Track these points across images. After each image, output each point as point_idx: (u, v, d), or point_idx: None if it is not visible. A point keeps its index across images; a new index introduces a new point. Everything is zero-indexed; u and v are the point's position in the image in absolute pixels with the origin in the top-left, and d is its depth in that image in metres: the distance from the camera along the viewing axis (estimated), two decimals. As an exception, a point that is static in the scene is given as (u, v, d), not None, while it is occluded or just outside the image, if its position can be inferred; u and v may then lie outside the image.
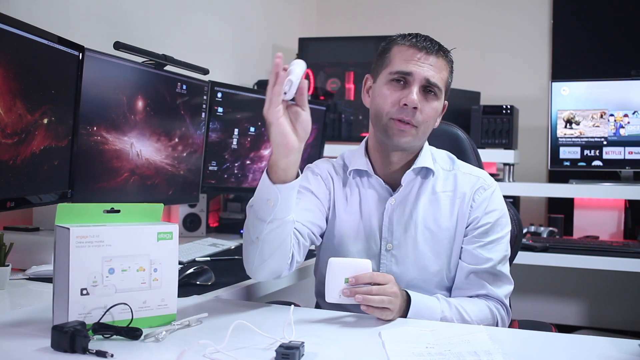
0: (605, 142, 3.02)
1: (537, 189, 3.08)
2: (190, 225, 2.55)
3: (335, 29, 3.83)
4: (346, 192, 1.57)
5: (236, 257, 2.03)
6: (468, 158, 1.77)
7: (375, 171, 1.54)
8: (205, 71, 2.32)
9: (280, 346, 1.02)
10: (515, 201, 3.10)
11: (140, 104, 1.94)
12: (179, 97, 2.12)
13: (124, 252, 1.14)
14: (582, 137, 3.04)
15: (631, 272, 2.72)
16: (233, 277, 1.69)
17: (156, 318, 1.18)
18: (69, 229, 1.09)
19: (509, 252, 1.53)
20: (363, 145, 1.59)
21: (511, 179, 3.05)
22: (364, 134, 3.24)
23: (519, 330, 1.44)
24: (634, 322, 3.22)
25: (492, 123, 3.04)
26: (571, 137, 3.05)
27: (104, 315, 1.11)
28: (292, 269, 1.43)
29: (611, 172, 3.06)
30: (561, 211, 3.20)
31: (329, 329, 1.25)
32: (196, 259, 1.95)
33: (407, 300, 1.36)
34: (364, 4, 3.88)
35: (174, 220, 2.51)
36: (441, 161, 1.57)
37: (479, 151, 1.87)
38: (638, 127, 2.97)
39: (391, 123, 1.45)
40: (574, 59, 3.47)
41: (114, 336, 1.09)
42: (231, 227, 2.70)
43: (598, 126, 3.02)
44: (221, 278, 1.66)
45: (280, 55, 1.21)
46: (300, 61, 1.25)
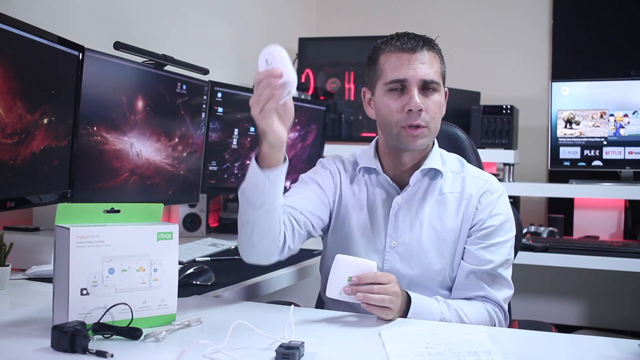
0: (605, 142, 3.02)
1: (537, 189, 3.08)
2: (190, 225, 2.55)
3: (335, 29, 3.82)
4: (354, 189, 1.59)
5: (236, 257, 2.02)
6: (468, 158, 1.76)
7: (384, 170, 1.56)
8: (205, 71, 2.32)
9: (280, 346, 1.02)
10: (515, 201, 3.10)
11: (140, 104, 1.94)
12: (179, 97, 2.12)
13: (124, 252, 1.14)
14: (582, 137, 3.04)
15: (631, 272, 2.72)
16: (233, 277, 1.70)
17: (156, 318, 1.18)
18: (69, 229, 1.09)
19: (511, 256, 1.53)
20: (373, 145, 1.60)
21: (511, 179, 3.05)
22: (364, 134, 3.25)
23: (519, 330, 1.44)
24: (634, 322, 3.23)
25: (492, 123, 3.04)
26: (571, 137, 3.05)
27: (104, 315, 1.11)
28: (284, 254, 1.45)
29: (611, 172, 3.06)
30: (561, 211, 3.20)
31: (329, 329, 1.25)
32: (196, 259, 1.95)
33: (408, 301, 1.36)
34: (363, 4, 3.88)
35: (174, 220, 2.51)
36: (451, 164, 1.58)
37: (479, 151, 1.87)
38: (638, 127, 2.97)
39: (403, 132, 1.47)
40: (574, 59, 3.47)
41: (114, 336, 1.09)
42: (231, 227, 2.68)
43: (598, 126, 3.02)
44: (221, 278, 1.66)
45: (264, 57, 1.22)
46: (278, 49, 1.24)
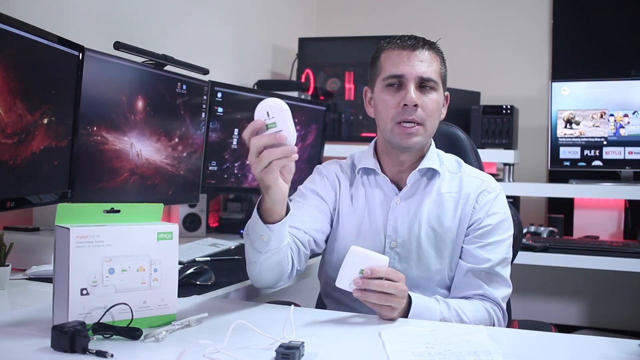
0: (605, 142, 3.02)
1: (537, 189, 3.08)
2: (190, 225, 2.55)
3: (335, 29, 3.83)
4: (352, 191, 1.59)
5: (236, 257, 2.03)
6: (468, 158, 1.77)
7: (382, 170, 1.56)
8: (205, 71, 2.32)
9: (280, 346, 1.02)
10: (515, 201, 3.10)
11: (140, 104, 1.94)
12: (179, 97, 2.12)
13: (124, 252, 1.14)
14: (582, 137, 3.04)
15: (631, 272, 2.72)
16: (233, 277, 1.69)
17: (156, 318, 1.18)
18: (69, 229, 1.09)
19: (510, 255, 1.54)
20: (372, 145, 1.61)
21: (511, 179, 3.05)
22: (364, 134, 3.25)
23: (519, 330, 1.44)
24: (634, 322, 3.22)
25: (492, 123, 3.04)
26: (571, 137, 3.05)
27: (104, 315, 1.11)
28: (292, 277, 1.49)
29: (611, 172, 3.06)
30: (561, 211, 3.20)
31: (329, 329, 1.25)
32: (196, 259, 1.95)
33: (408, 301, 1.36)
34: (364, 4, 3.88)
35: (174, 220, 2.51)
36: (448, 164, 1.59)
37: (479, 151, 1.87)
38: (638, 127, 2.97)
39: (397, 128, 1.47)
40: (574, 59, 3.47)
41: (114, 336, 1.09)
42: (231, 227, 2.70)
43: (598, 126, 3.02)
44: (221, 278, 1.66)
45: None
46: (282, 105, 1.22)
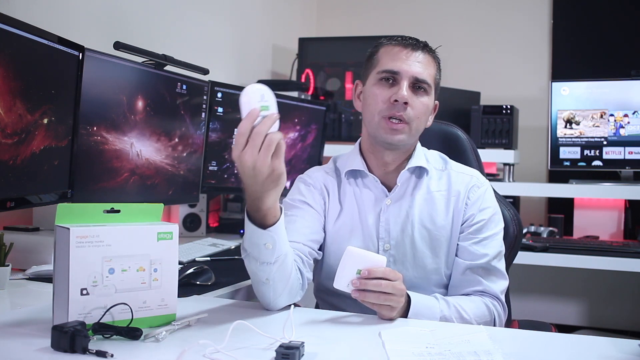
0: (605, 142, 3.02)
1: (537, 189, 3.08)
2: (190, 225, 2.55)
3: (335, 29, 3.83)
4: (341, 196, 1.56)
5: (236, 257, 2.03)
6: (468, 158, 1.77)
7: (370, 171, 1.54)
8: (205, 71, 2.32)
9: (280, 346, 1.02)
10: (515, 201, 3.10)
11: (140, 104, 1.94)
12: (179, 97, 2.12)
13: (124, 252, 1.14)
14: (582, 137, 3.04)
15: (631, 272, 2.72)
16: (233, 277, 1.69)
17: (156, 318, 1.18)
18: (69, 229, 1.09)
19: (503, 248, 1.54)
20: (357, 146, 1.59)
21: (511, 179, 3.05)
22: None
23: (519, 330, 1.44)
24: (634, 322, 3.22)
25: (492, 123, 3.04)
26: (571, 137, 3.05)
27: (104, 315, 1.11)
28: (305, 288, 1.44)
29: (611, 172, 3.06)
30: (561, 211, 3.20)
31: (329, 329, 1.25)
32: (196, 259, 1.95)
33: (407, 301, 1.36)
34: (363, 4, 3.88)
35: (174, 220, 2.51)
36: (434, 161, 1.58)
37: (479, 151, 1.87)
38: (638, 127, 2.97)
39: (383, 122, 1.47)
40: (574, 59, 3.47)
41: (114, 336, 1.09)
42: (231, 227, 2.70)
43: (598, 126, 3.02)
44: (221, 278, 1.66)
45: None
46: (268, 89, 1.18)
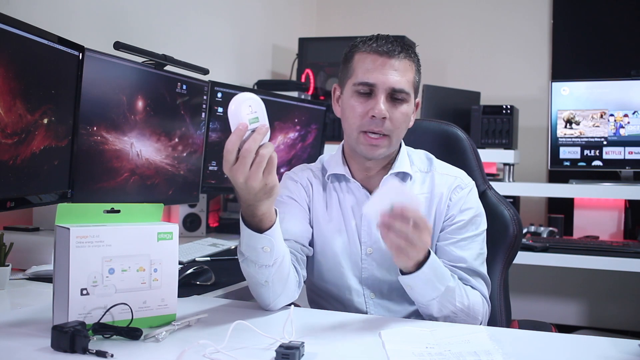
0: (605, 142, 3.02)
1: (537, 189, 3.08)
2: (190, 225, 2.55)
3: (335, 29, 3.83)
4: (326, 197, 1.55)
5: (236, 257, 2.03)
6: (468, 158, 1.77)
7: (352, 176, 1.52)
8: (205, 71, 2.32)
9: (280, 346, 1.02)
10: (515, 201, 3.10)
11: (140, 104, 1.94)
12: (179, 97, 2.12)
13: (124, 252, 1.14)
14: (582, 137, 3.04)
15: (631, 272, 2.72)
16: (233, 277, 1.69)
17: (156, 318, 1.18)
18: (69, 229, 1.09)
19: (484, 251, 1.50)
20: (340, 150, 1.56)
21: (511, 179, 3.05)
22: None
23: (519, 330, 1.44)
24: (634, 322, 3.22)
25: (492, 123, 3.04)
26: (571, 137, 3.05)
27: (104, 315, 1.11)
28: (301, 285, 1.44)
29: (611, 172, 3.06)
30: (561, 211, 3.20)
31: (329, 329, 1.25)
32: (196, 259, 1.95)
33: (426, 256, 1.30)
34: (363, 4, 3.88)
35: (174, 220, 2.51)
36: (419, 163, 1.55)
37: (479, 151, 1.86)
38: (638, 127, 2.97)
39: (362, 138, 1.43)
40: (574, 59, 3.47)
41: (114, 336, 1.09)
42: (231, 227, 2.70)
43: (598, 126, 3.02)
44: (221, 278, 1.66)
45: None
46: (257, 98, 1.14)
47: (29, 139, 1.51)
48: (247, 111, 1.12)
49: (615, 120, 3.00)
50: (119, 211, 1.19)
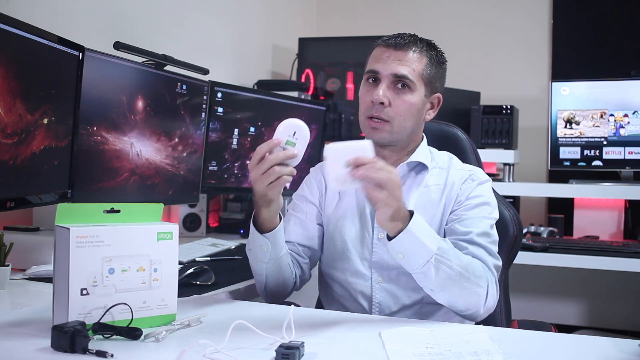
0: (605, 142, 3.02)
1: (537, 189, 3.08)
2: (190, 225, 2.55)
3: (335, 29, 3.82)
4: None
5: (236, 257, 2.04)
6: (468, 158, 1.77)
7: None
8: (205, 71, 2.32)
9: (280, 346, 1.02)
10: (515, 201, 3.10)
11: (140, 104, 1.94)
12: (179, 97, 2.13)
13: (124, 252, 1.14)
14: (582, 137, 3.04)
15: (631, 272, 2.72)
16: (233, 277, 1.70)
17: (156, 318, 1.18)
18: (69, 229, 1.09)
19: (495, 237, 1.48)
20: None
21: (511, 179, 3.05)
22: (364, 134, 3.24)
23: (519, 330, 1.44)
24: (634, 322, 3.22)
25: (492, 123, 3.04)
26: (571, 137, 3.05)
27: (104, 315, 1.11)
28: (298, 286, 1.56)
29: (611, 172, 3.06)
30: (561, 211, 3.20)
31: (329, 329, 1.25)
32: (196, 259, 1.95)
33: (409, 217, 1.30)
34: (363, 4, 3.88)
35: (174, 220, 2.51)
36: (440, 160, 1.58)
37: (479, 151, 1.87)
38: (638, 127, 2.97)
39: (366, 122, 1.50)
40: (574, 59, 3.47)
41: (114, 336, 1.09)
42: (231, 227, 2.70)
43: (598, 126, 3.02)
44: (221, 278, 1.66)
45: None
46: (306, 129, 1.26)
47: (29, 139, 1.51)
48: (288, 133, 1.26)
49: (615, 120, 3.00)
50: (118, 211, 1.19)
